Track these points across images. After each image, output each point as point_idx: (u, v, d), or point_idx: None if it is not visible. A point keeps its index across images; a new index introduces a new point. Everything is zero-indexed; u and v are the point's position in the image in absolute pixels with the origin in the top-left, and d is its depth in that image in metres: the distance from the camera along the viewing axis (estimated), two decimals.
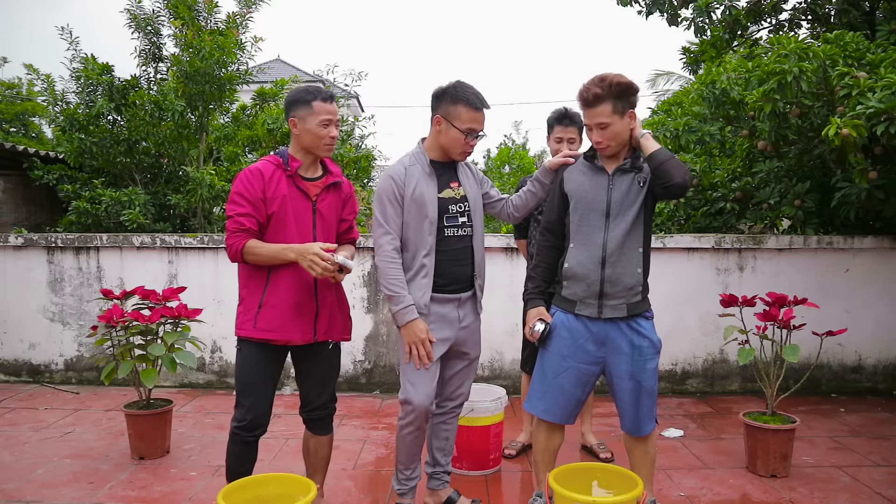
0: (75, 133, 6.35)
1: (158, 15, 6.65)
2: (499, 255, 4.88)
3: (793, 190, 5.07)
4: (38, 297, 5.19)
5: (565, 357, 2.60)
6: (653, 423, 2.62)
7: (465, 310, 2.75)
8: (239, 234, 2.49)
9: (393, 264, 2.60)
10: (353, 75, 8.79)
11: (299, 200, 2.58)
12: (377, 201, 2.66)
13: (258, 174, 2.51)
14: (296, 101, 2.56)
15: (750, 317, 3.55)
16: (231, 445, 2.64)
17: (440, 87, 2.65)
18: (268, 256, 2.50)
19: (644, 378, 2.56)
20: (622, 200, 2.53)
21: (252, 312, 2.55)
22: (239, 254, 2.50)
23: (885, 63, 3.96)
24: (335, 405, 2.82)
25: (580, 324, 2.59)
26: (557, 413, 2.64)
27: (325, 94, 2.57)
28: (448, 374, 2.83)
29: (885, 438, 3.97)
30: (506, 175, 16.63)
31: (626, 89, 2.46)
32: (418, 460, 2.81)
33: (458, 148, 2.64)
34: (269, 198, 2.50)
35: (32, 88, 16.31)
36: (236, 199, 2.51)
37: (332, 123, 2.56)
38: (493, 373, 5.01)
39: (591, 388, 2.69)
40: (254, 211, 2.49)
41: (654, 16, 6.31)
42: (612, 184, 2.54)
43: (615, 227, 2.53)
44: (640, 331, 2.57)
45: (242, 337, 2.60)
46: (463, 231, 2.70)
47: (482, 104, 2.61)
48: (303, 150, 2.60)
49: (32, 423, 4.22)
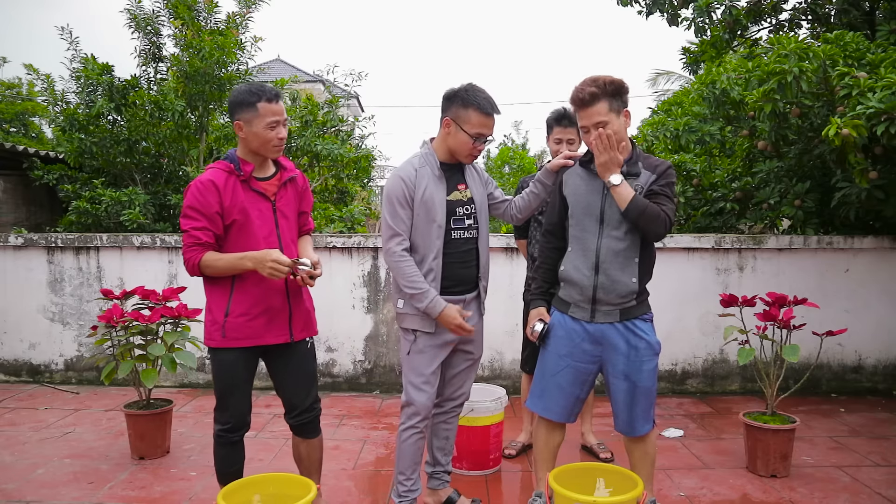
0: (75, 133, 6.35)
1: (158, 15, 6.66)
2: (499, 255, 4.88)
3: (793, 190, 5.07)
4: (38, 297, 5.19)
5: (562, 356, 2.61)
6: (649, 424, 2.61)
7: (470, 310, 2.75)
8: (194, 248, 2.42)
9: (406, 263, 2.58)
10: (352, 75, 8.78)
11: (259, 203, 2.52)
12: (387, 202, 2.62)
13: (211, 186, 2.42)
14: (239, 103, 2.45)
15: (750, 317, 3.55)
16: (218, 448, 2.62)
17: (452, 89, 2.62)
18: (225, 268, 2.44)
19: (640, 378, 2.55)
20: (616, 206, 2.50)
21: (219, 323, 2.49)
22: (196, 268, 2.44)
23: (886, 63, 3.96)
24: (320, 405, 2.77)
25: (577, 324, 2.59)
26: (556, 411, 2.65)
27: (270, 93, 2.46)
28: (450, 373, 2.83)
29: (885, 438, 3.97)
30: (506, 175, 16.63)
31: (619, 88, 2.46)
32: (419, 469, 2.80)
33: (466, 151, 2.63)
34: (227, 208, 2.44)
35: (32, 88, 16.33)
36: (190, 213, 2.43)
37: (279, 124, 2.47)
38: (493, 373, 5.01)
39: (591, 387, 2.70)
40: (209, 224, 2.43)
41: (654, 16, 6.31)
42: (607, 189, 2.51)
43: (609, 233, 2.52)
44: (636, 331, 2.56)
45: (212, 347, 2.54)
46: (469, 233, 2.70)
47: (493, 109, 2.59)
48: (252, 153, 2.51)
49: (32, 423, 4.22)
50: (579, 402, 2.68)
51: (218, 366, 2.55)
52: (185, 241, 2.45)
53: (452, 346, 2.72)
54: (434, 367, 2.68)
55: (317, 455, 2.78)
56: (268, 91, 2.46)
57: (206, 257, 2.43)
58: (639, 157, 2.57)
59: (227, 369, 2.53)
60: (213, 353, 2.55)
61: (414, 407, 2.69)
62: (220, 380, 2.56)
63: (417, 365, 2.68)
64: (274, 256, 2.37)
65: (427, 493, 2.95)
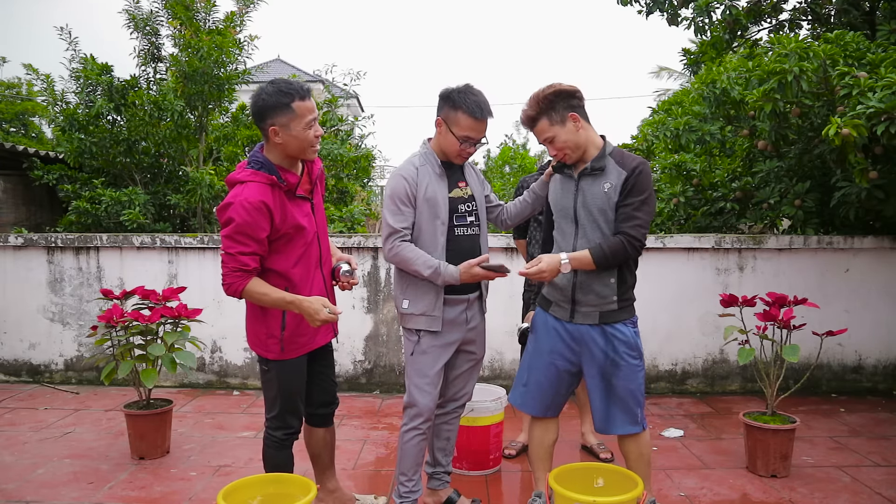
0: (75, 133, 6.35)
1: (157, 15, 6.65)
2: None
3: (793, 190, 5.07)
4: (38, 297, 5.19)
5: (541, 353, 2.65)
6: (636, 426, 2.57)
7: (473, 311, 2.76)
8: (239, 273, 2.30)
9: (406, 249, 2.56)
10: (351, 75, 8.79)
11: (302, 208, 2.46)
12: (388, 202, 2.62)
13: (263, 207, 2.27)
14: (272, 106, 2.27)
15: (750, 317, 3.55)
16: (276, 453, 2.60)
17: (447, 89, 2.61)
18: (270, 304, 2.37)
19: (617, 378, 2.53)
20: (589, 206, 2.50)
21: (276, 337, 2.46)
22: (238, 294, 2.34)
23: (886, 63, 3.96)
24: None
25: (558, 323, 2.62)
26: (533, 406, 2.70)
27: (302, 90, 2.29)
28: (453, 374, 2.83)
29: (885, 438, 3.97)
30: (507, 175, 16.64)
31: (554, 98, 2.47)
32: (420, 470, 2.80)
33: (454, 153, 2.63)
34: (277, 226, 2.33)
35: (32, 88, 16.32)
36: (238, 237, 2.27)
37: (315, 120, 2.33)
38: (493, 373, 5.01)
39: (571, 386, 2.71)
40: (258, 248, 2.31)
41: (654, 15, 6.30)
42: (578, 189, 2.54)
43: (584, 233, 2.52)
44: (615, 334, 2.54)
45: (271, 359, 2.51)
46: (472, 230, 2.71)
47: (483, 114, 2.55)
48: (287, 157, 2.38)
49: (32, 423, 4.22)
50: (558, 398, 2.70)
51: (278, 375, 2.52)
52: (229, 263, 2.30)
53: (456, 347, 2.72)
54: (438, 367, 2.68)
55: (334, 442, 2.85)
56: (299, 88, 2.29)
57: (251, 287, 2.32)
58: (610, 154, 2.53)
59: (288, 378, 2.53)
60: (270, 363, 2.52)
61: (417, 408, 2.69)
62: (282, 388, 2.53)
63: (421, 366, 2.68)
64: (323, 317, 2.31)
65: (427, 493, 2.95)
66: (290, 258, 2.44)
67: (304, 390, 2.61)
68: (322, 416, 2.76)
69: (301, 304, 2.32)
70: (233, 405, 4.65)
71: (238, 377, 5.11)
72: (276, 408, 2.56)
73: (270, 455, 2.61)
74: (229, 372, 5.10)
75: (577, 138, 2.49)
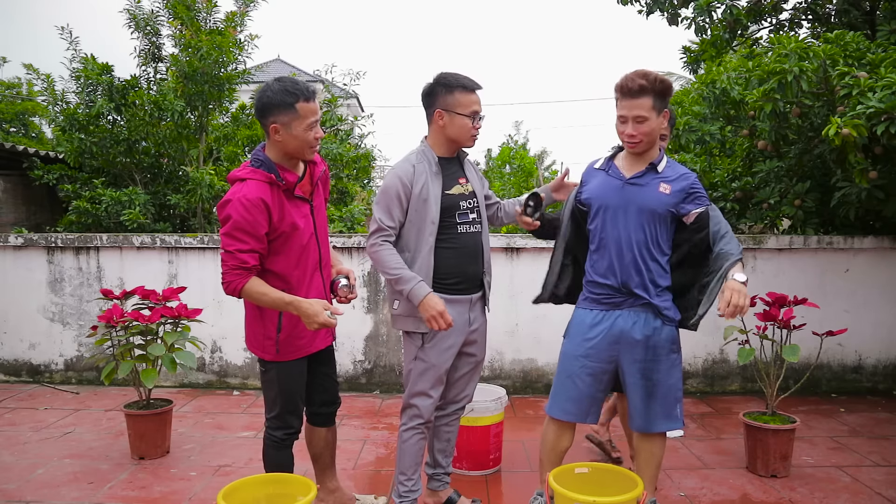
0: (75, 133, 6.35)
1: (157, 15, 6.65)
2: (499, 255, 4.88)
3: (793, 190, 5.07)
4: (38, 297, 5.19)
5: (578, 357, 2.62)
6: (674, 423, 2.62)
7: (476, 312, 2.76)
8: (239, 271, 2.30)
9: (385, 250, 2.57)
10: (351, 75, 8.77)
11: (300, 208, 2.46)
12: (381, 198, 2.61)
13: (261, 204, 2.28)
14: (275, 105, 2.28)
15: (750, 317, 3.54)
16: (276, 453, 2.60)
17: (428, 84, 2.65)
18: (268, 305, 2.36)
19: (658, 376, 2.57)
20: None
21: (272, 339, 2.47)
22: (237, 293, 2.34)
23: (886, 63, 3.96)
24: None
25: (595, 322, 2.60)
26: (574, 412, 2.66)
27: (308, 91, 2.30)
28: (454, 376, 2.82)
29: (885, 438, 3.97)
30: (507, 175, 16.62)
31: (667, 88, 2.47)
32: (420, 469, 2.80)
33: (468, 134, 2.64)
34: (275, 224, 2.34)
35: (32, 88, 16.31)
36: (237, 234, 2.27)
37: (317, 123, 2.35)
38: (492, 373, 5.01)
39: (607, 387, 2.70)
40: (257, 245, 2.31)
41: (654, 15, 6.29)
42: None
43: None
44: (656, 327, 2.58)
45: (267, 360, 2.53)
46: (474, 227, 2.71)
47: (476, 85, 2.63)
48: (286, 156, 2.40)
49: (32, 423, 4.22)
50: (595, 402, 2.68)
51: (276, 376, 2.53)
52: (228, 261, 2.30)
53: (457, 350, 2.72)
54: (440, 373, 2.68)
55: (335, 442, 2.86)
56: (304, 89, 2.30)
57: (250, 286, 2.32)
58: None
59: (288, 378, 2.53)
60: (269, 364, 2.53)
61: (416, 409, 2.69)
62: (282, 388, 2.54)
63: (422, 370, 2.67)
64: (322, 320, 2.29)
65: (427, 493, 2.95)
66: (288, 259, 2.44)
67: (304, 390, 2.61)
68: (324, 415, 2.77)
69: (300, 305, 2.32)
70: (233, 405, 4.66)
71: (238, 377, 5.11)
72: (277, 408, 2.56)
73: (271, 455, 2.61)
74: (229, 372, 5.10)
75: (657, 133, 2.51)
